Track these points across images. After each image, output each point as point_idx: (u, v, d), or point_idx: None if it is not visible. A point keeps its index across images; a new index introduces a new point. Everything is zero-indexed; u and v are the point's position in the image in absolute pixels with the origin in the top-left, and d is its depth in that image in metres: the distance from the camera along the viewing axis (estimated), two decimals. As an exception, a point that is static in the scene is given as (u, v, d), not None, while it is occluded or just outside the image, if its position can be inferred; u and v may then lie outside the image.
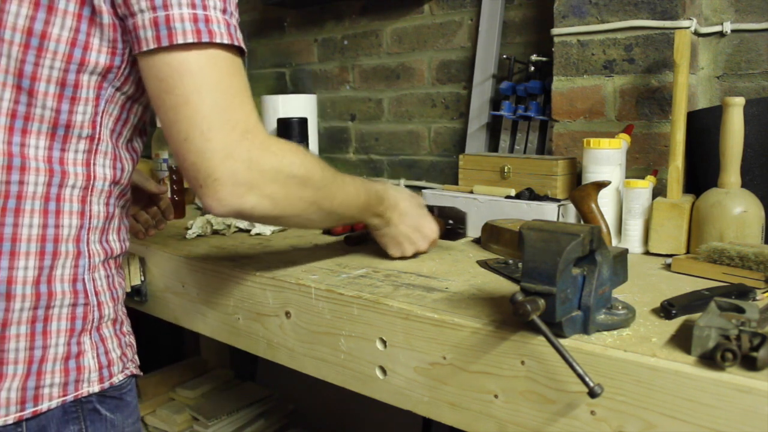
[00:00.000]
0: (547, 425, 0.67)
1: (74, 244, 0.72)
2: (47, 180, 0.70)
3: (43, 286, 0.70)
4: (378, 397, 0.83)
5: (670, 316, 0.72)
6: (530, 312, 0.61)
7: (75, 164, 0.72)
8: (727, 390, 0.55)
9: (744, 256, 0.85)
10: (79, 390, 0.72)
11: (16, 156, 0.68)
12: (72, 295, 0.72)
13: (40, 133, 0.69)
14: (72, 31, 0.67)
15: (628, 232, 1.09)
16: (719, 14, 1.23)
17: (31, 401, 0.69)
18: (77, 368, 0.72)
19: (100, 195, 0.75)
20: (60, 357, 0.71)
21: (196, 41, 0.65)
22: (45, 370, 0.70)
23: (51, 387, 0.70)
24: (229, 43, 0.68)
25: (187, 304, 1.11)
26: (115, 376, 0.76)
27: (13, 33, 0.67)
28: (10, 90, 0.68)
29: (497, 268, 0.95)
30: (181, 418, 1.66)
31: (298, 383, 1.75)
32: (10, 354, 0.68)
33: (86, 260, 0.73)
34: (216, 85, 0.67)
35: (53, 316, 0.71)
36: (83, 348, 0.73)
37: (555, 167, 1.20)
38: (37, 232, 0.69)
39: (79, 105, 0.70)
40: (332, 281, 0.90)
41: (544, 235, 0.64)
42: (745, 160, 1.02)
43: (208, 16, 0.66)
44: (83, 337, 0.73)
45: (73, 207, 0.72)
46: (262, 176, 0.71)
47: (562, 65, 1.30)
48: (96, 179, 0.74)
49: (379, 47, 1.79)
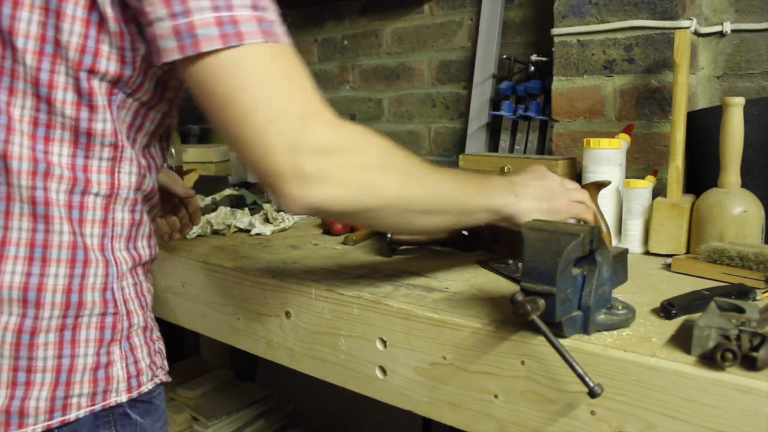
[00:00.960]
0: (547, 425, 0.67)
1: (100, 253, 0.71)
2: (70, 188, 0.68)
3: (75, 295, 0.68)
4: (378, 397, 0.83)
5: (670, 316, 0.72)
6: (530, 312, 0.61)
7: (99, 172, 0.70)
8: (727, 390, 0.55)
9: (744, 256, 0.85)
10: (107, 400, 0.71)
11: (41, 162, 0.66)
12: (101, 304, 0.70)
13: (63, 141, 0.68)
14: (81, 37, 0.65)
15: (628, 232, 1.09)
16: (719, 14, 1.23)
17: (60, 411, 0.68)
18: (106, 378, 0.71)
19: (125, 203, 0.73)
20: (89, 367, 0.70)
21: (223, 47, 0.61)
22: (74, 380, 0.69)
23: (80, 397, 0.69)
24: (264, 41, 0.62)
25: (187, 304, 1.11)
26: (144, 385, 0.75)
27: (26, 40, 0.65)
28: (31, 99, 0.66)
29: (497, 268, 0.95)
30: (181, 418, 1.66)
31: (298, 383, 1.75)
32: (38, 362, 0.67)
33: (114, 269, 0.72)
34: (259, 75, 0.62)
35: (82, 325, 0.69)
36: (113, 358, 0.72)
37: (555, 167, 1.20)
38: (68, 239, 0.68)
39: (98, 113, 0.68)
40: (332, 281, 0.90)
41: (544, 235, 0.64)
42: (745, 160, 1.02)
43: (234, 17, 0.61)
44: (113, 347, 0.72)
45: (96, 215, 0.70)
46: (333, 163, 0.63)
47: (562, 65, 1.30)
48: (120, 187, 0.72)
49: (379, 47, 1.79)
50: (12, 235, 0.66)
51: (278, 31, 0.64)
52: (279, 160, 0.61)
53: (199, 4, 0.60)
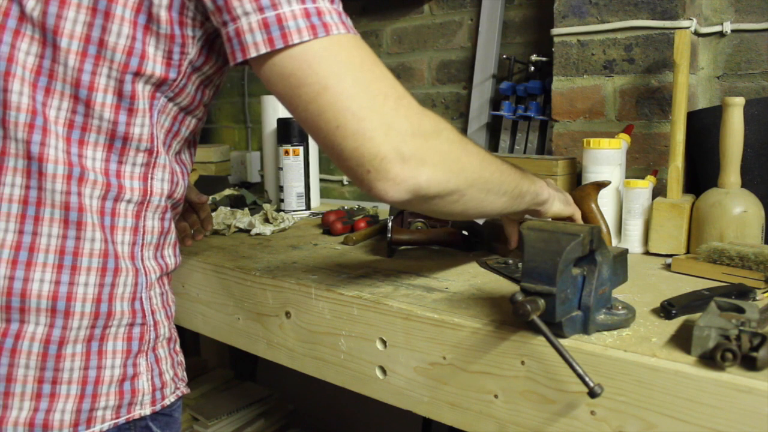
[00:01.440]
0: (547, 425, 0.67)
1: (131, 261, 0.69)
2: (103, 194, 0.66)
3: (104, 305, 0.67)
4: (378, 397, 0.83)
5: (670, 316, 0.72)
6: (530, 312, 0.61)
7: (132, 178, 0.69)
8: (727, 390, 0.55)
9: (744, 256, 0.85)
10: (131, 413, 0.70)
11: (75, 166, 0.65)
12: (130, 314, 0.69)
13: (97, 145, 0.66)
14: (129, 39, 0.64)
15: (628, 232, 1.09)
16: (719, 14, 1.23)
17: (84, 424, 0.66)
18: (132, 391, 0.70)
19: (156, 210, 0.72)
20: (116, 379, 0.68)
21: (312, 38, 0.61)
22: (100, 393, 0.67)
23: (105, 410, 0.68)
24: (345, 32, 0.63)
25: (187, 304, 1.11)
26: (167, 398, 0.74)
27: (71, 41, 0.64)
28: (68, 100, 0.65)
29: (497, 268, 0.95)
30: (181, 418, 1.66)
31: (298, 383, 1.75)
32: (65, 373, 0.65)
33: (144, 278, 0.71)
34: (351, 63, 0.62)
35: (110, 335, 0.68)
36: (139, 370, 0.70)
37: (555, 167, 1.20)
38: (99, 247, 0.66)
39: (137, 117, 0.67)
40: (332, 281, 0.90)
41: (544, 235, 0.64)
42: (745, 160, 1.02)
43: (319, 8, 0.61)
44: (139, 358, 0.70)
45: (127, 222, 0.69)
46: (428, 143, 0.64)
47: (562, 65, 1.30)
48: (153, 194, 0.71)
49: (379, 47, 1.79)
50: (41, 241, 0.64)
51: (350, 24, 0.65)
52: (381, 144, 0.61)
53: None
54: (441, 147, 0.65)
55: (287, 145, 1.52)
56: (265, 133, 1.73)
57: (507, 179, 0.75)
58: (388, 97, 0.62)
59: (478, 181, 0.70)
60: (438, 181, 0.64)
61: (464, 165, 0.68)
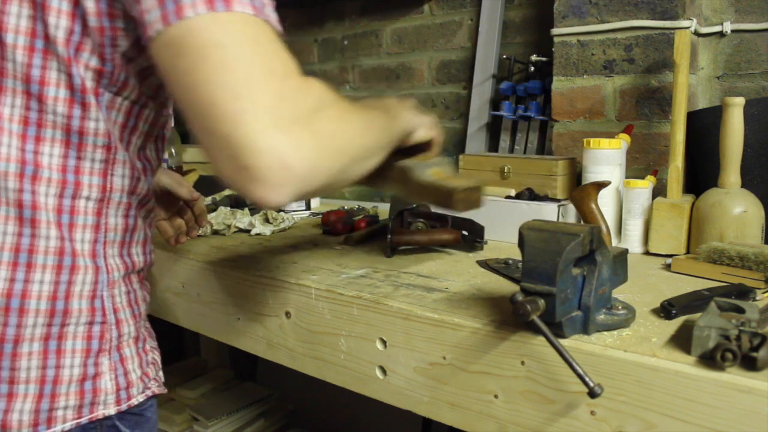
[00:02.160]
0: (547, 425, 0.67)
1: (91, 259, 0.68)
2: (59, 191, 0.66)
3: (60, 303, 0.66)
4: (378, 397, 0.83)
5: (670, 316, 0.72)
6: (530, 312, 0.61)
7: (92, 174, 0.67)
8: (727, 390, 0.55)
9: (744, 256, 0.85)
10: (94, 413, 0.69)
11: (29, 164, 0.64)
12: (89, 312, 0.68)
13: (54, 141, 0.65)
14: (67, 32, 0.63)
15: (628, 232, 1.09)
16: (719, 14, 1.23)
17: (44, 424, 0.66)
18: (93, 390, 0.69)
19: (118, 207, 0.70)
20: (75, 378, 0.67)
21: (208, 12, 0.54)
22: (59, 392, 0.66)
23: (65, 409, 0.67)
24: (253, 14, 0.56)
25: (187, 304, 1.11)
26: (134, 397, 0.73)
27: (16, 36, 0.62)
28: (21, 97, 0.64)
29: (497, 268, 0.95)
30: (181, 418, 1.66)
31: (298, 383, 1.75)
32: (22, 373, 0.65)
33: (105, 276, 0.69)
34: (242, 36, 0.55)
35: (68, 334, 0.67)
36: (101, 369, 0.69)
37: (555, 167, 1.20)
38: (55, 245, 0.65)
39: (90, 111, 0.65)
40: (332, 281, 0.90)
41: (544, 235, 0.64)
42: (745, 160, 1.02)
43: None
44: (101, 357, 0.69)
45: (87, 220, 0.68)
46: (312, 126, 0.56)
47: (562, 65, 1.30)
48: (113, 191, 0.69)
49: (379, 47, 1.79)
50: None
51: (270, 13, 0.58)
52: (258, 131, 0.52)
53: None
54: (326, 128, 0.57)
55: (287, 145, 1.52)
56: (265, 133, 1.73)
57: (385, 134, 0.70)
58: (274, 75, 0.55)
59: (361, 153, 0.64)
60: (324, 169, 0.57)
61: (348, 142, 0.61)
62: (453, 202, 0.79)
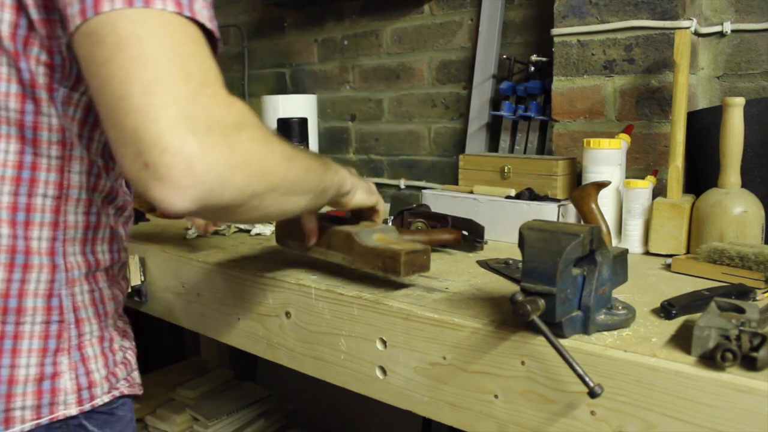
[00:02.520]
0: (547, 425, 0.67)
1: (48, 257, 0.66)
2: (13, 189, 0.64)
3: (13, 301, 0.64)
4: (378, 397, 0.83)
5: (670, 316, 0.72)
6: (530, 312, 0.61)
7: (48, 170, 0.66)
8: (727, 390, 0.55)
9: (744, 256, 0.85)
10: (54, 413, 0.67)
11: None
12: (45, 311, 0.67)
13: (9, 137, 0.64)
14: (12, 26, 0.61)
15: (628, 232, 1.09)
16: (719, 14, 1.23)
17: (2, 424, 0.64)
18: (52, 390, 0.67)
19: (77, 204, 0.68)
20: (32, 378, 0.66)
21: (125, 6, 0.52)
22: (15, 392, 0.65)
23: (23, 410, 0.66)
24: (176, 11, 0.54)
25: (187, 304, 1.11)
26: (99, 397, 0.71)
27: None
28: None
29: (497, 268, 0.95)
30: (181, 418, 1.66)
31: (298, 383, 1.75)
32: None
33: (63, 274, 0.68)
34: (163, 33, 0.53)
35: (24, 333, 0.65)
36: (60, 369, 0.68)
37: (555, 167, 1.20)
38: (7, 243, 0.64)
39: (42, 106, 0.64)
40: (332, 281, 0.90)
41: (544, 235, 0.64)
42: (745, 160, 1.02)
43: None
44: (60, 357, 0.68)
45: (44, 218, 0.66)
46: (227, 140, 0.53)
47: (562, 65, 1.30)
48: (70, 187, 0.67)
49: (379, 47, 1.79)
50: None
51: (198, 9, 0.56)
52: (166, 130, 0.50)
53: None
54: (243, 146, 0.55)
55: (287, 145, 1.52)
56: (265, 133, 1.73)
57: (312, 177, 0.68)
58: (192, 78, 0.53)
59: (282, 183, 0.61)
60: (235, 186, 0.54)
61: (267, 167, 0.59)
62: (399, 264, 0.79)
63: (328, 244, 0.89)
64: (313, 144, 1.74)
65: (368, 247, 0.83)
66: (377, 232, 0.87)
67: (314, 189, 0.70)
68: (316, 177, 0.70)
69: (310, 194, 0.69)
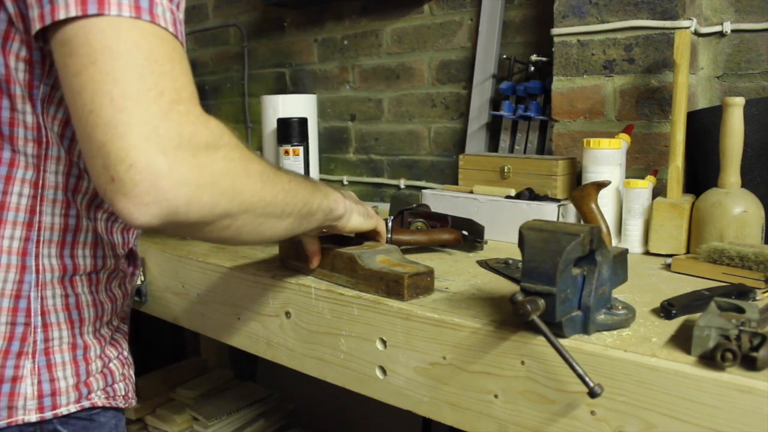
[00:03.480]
0: (547, 425, 0.67)
1: (19, 257, 0.65)
2: None
3: None
4: (378, 397, 0.83)
5: (670, 316, 0.72)
6: (530, 312, 0.61)
7: (25, 168, 0.64)
8: (727, 390, 0.55)
9: (744, 256, 0.85)
10: (12, 417, 0.65)
11: None
12: (10, 312, 0.65)
13: None
14: None
15: (628, 232, 1.09)
16: (719, 14, 1.23)
17: None
18: (10, 394, 0.65)
19: (54, 205, 0.66)
20: None
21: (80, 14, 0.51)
22: None
23: None
24: (133, 16, 0.53)
25: (187, 304, 1.11)
26: (63, 406, 0.68)
27: None
28: None
29: (497, 268, 0.95)
30: (181, 418, 1.66)
31: (298, 383, 1.75)
32: None
33: (33, 276, 0.66)
34: (136, 47, 0.52)
35: None
36: (21, 373, 0.65)
37: (555, 167, 1.20)
38: None
39: (17, 103, 0.62)
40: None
41: (544, 235, 0.64)
42: (745, 160, 1.02)
43: None
44: (23, 360, 0.66)
45: (18, 217, 0.65)
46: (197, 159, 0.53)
47: (562, 65, 1.30)
48: (46, 187, 0.65)
49: (379, 47, 1.79)
50: None
51: (159, 13, 0.55)
52: (134, 146, 0.50)
53: None
54: (214, 165, 0.55)
55: (287, 145, 1.52)
56: (265, 133, 1.73)
57: (293, 200, 0.67)
58: (163, 94, 0.52)
59: (256, 205, 0.60)
60: (202, 204, 0.54)
61: (240, 187, 0.58)
62: (402, 288, 0.80)
63: (331, 266, 0.89)
64: (312, 144, 1.74)
65: (372, 270, 0.83)
66: (381, 254, 0.87)
67: (296, 212, 0.68)
68: (299, 199, 0.68)
69: (290, 217, 0.67)
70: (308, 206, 0.70)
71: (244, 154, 0.59)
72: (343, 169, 1.93)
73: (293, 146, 1.52)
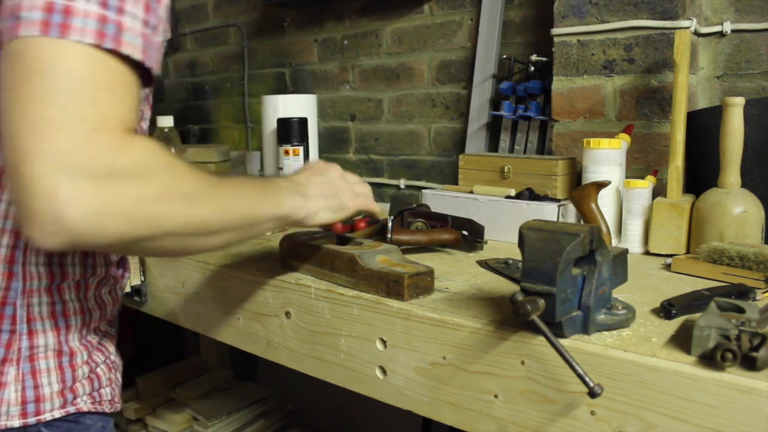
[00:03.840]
0: (547, 425, 0.67)
1: (5, 265, 0.65)
2: None
3: None
4: (378, 397, 0.83)
5: (670, 316, 0.72)
6: (530, 312, 0.61)
7: None
8: (727, 390, 0.55)
9: (744, 256, 0.85)
10: None
11: None
12: None
13: None
14: None
15: (628, 232, 1.09)
16: (719, 14, 1.23)
17: None
18: None
19: None
20: None
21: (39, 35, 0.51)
22: None
23: None
24: (95, 43, 0.52)
25: (187, 304, 1.11)
26: (47, 412, 0.68)
27: None
28: None
29: (497, 268, 0.95)
30: (181, 418, 1.66)
31: (298, 383, 1.75)
32: None
33: (20, 283, 0.66)
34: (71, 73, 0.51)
35: None
36: (5, 379, 0.65)
37: (555, 167, 1.20)
38: None
39: None
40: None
41: (544, 235, 0.64)
42: (745, 160, 1.02)
43: (70, 7, 0.51)
44: (6, 366, 0.66)
45: (6, 224, 0.64)
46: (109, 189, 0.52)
47: (562, 65, 1.30)
48: None
49: (379, 47, 1.79)
50: None
51: (127, 40, 0.54)
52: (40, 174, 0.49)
53: None
54: (128, 194, 0.53)
55: (287, 145, 1.52)
56: (265, 133, 1.73)
57: (231, 216, 0.64)
58: (84, 123, 0.51)
59: (179, 228, 0.58)
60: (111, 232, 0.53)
61: (160, 213, 0.56)
62: (402, 288, 0.80)
63: (331, 266, 0.90)
64: (313, 144, 1.74)
65: (372, 270, 0.84)
66: (381, 254, 0.88)
67: (236, 226, 0.66)
68: (240, 213, 0.66)
69: (229, 231, 0.65)
70: (253, 218, 0.69)
71: (172, 178, 0.57)
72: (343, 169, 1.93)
73: (293, 146, 1.52)
